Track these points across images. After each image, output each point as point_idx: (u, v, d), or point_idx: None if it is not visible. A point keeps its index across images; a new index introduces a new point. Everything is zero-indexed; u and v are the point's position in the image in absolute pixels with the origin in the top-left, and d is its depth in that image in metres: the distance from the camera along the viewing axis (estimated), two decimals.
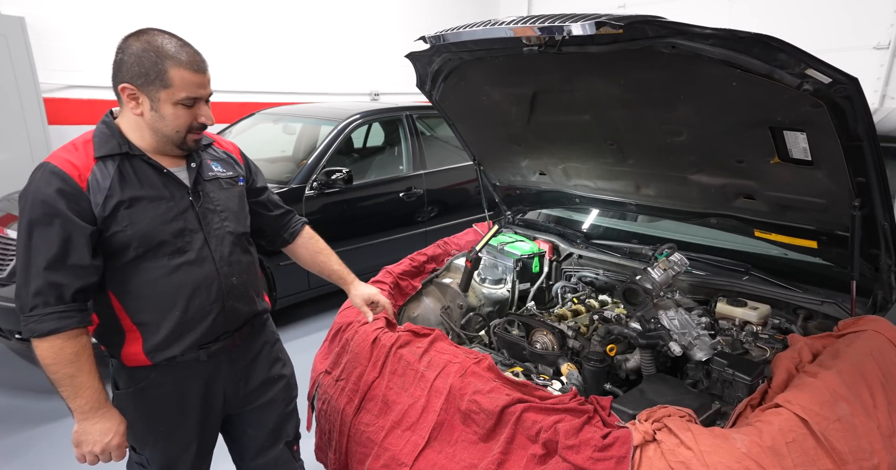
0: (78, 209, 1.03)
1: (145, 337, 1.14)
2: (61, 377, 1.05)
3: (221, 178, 1.25)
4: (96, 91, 4.67)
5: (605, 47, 1.24)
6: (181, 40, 1.07)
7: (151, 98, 1.05)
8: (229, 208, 1.24)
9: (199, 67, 1.06)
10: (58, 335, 1.03)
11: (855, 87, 1.03)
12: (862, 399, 1.09)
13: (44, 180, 1.03)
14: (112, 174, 1.07)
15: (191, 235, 1.15)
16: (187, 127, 1.09)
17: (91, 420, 1.09)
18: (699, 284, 1.72)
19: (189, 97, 1.05)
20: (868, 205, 1.24)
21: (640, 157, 1.69)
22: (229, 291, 1.21)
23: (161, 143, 1.11)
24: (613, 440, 1.09)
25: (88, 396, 1.07)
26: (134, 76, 1.03)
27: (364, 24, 6.42)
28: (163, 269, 1.12)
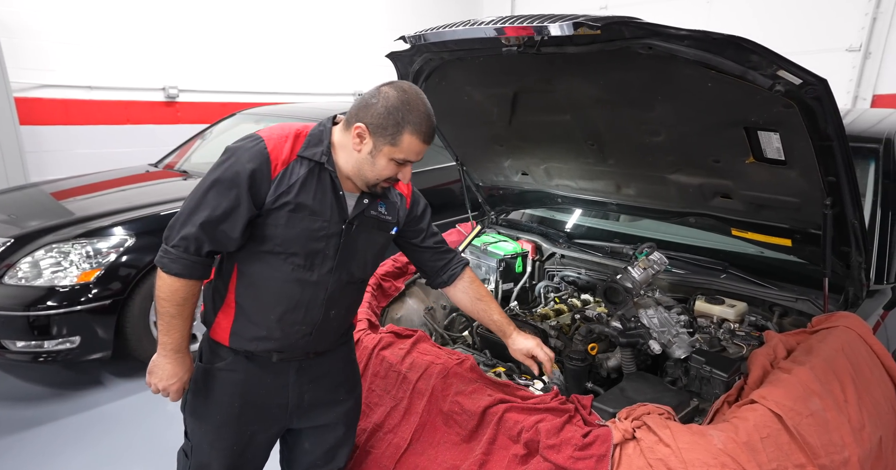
0: (256, 192, 1.09)
1: (237, 319, 1.19)
2: (164, 312, 1.14)
3: (381, 219, 1.26)
4: (71, 90, 4.56)
5: (584, 48, 1.25)
6: (427, 110, 1.11)
7: (375, 146, 1.10)
8: (367, 254, 1.25)
9: (428, 140, 1.12)
10: (178, 279, 1.11)
11: (824, 87, 1.05)
12: (833, 394, 1.12)
13: (250, 153, 1.09)
14: (300, 175, 1.12)
15: (322, 259, 1.17)
16: (388, 178, 1.15)
17: (167, 358, 1.17)
18: (678, 283, 1.75)
19: (407, 160, 1.12)
20: (839, 203, 1.27)
21: (620, 156, 1.70)
22: (324, 321, 1.22)
23: (356, 178, 1.16)
24: (594, 439, 1.10)
25: (175, 338, 1.16)
26: (373, 123, 1.09)
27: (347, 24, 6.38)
28: (283, 273, 1.15)
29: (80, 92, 4.60)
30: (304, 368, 1.26)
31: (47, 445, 2.28)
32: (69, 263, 2.44)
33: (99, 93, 4.69)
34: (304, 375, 1.26)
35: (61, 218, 2.65)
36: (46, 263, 2.43)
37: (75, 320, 2.40)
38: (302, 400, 1.27)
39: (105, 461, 2.17)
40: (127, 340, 2.58)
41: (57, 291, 2.38)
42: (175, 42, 4.99)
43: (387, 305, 1.91)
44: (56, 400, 2.59)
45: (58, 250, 2.45)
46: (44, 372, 2.82)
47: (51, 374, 2.81)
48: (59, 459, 2.19)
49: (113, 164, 4.22)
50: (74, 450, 2.25)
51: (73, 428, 2.39)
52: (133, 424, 2.40)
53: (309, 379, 1.27)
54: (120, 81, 4.76)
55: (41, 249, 2.44)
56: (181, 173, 3.56)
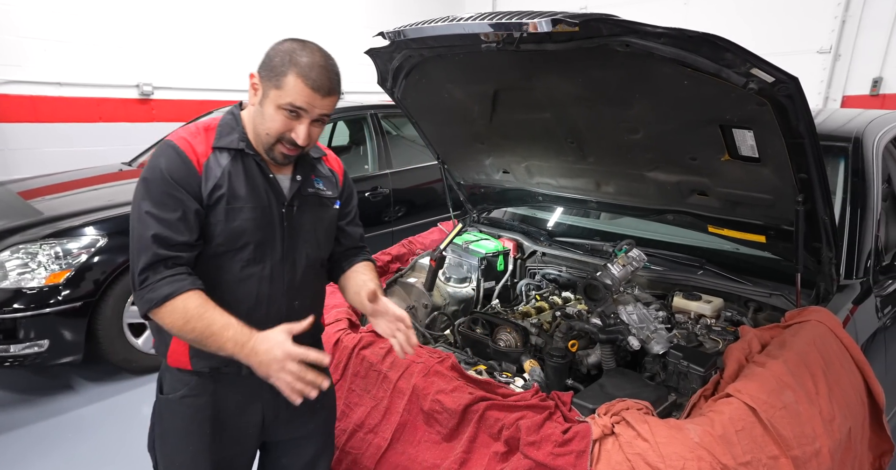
0: (190, 188, 1.04)
1: None
2: (199, 333, 0.98)
3: (321, 195, 1.20)
4: (39, 87, 4.41)
5: (563, 45, 1.26)
6: (325, 62, 1.05)
7: (264, 93, 1.05)
8: (316, 232, 1.20)
9: (317, 87, 1.03)
10: (175, 299, 0.99)
11: (796, 86, 1.07)
12: (805, 387, 1.14)
13: (164, 158, 1.04)
14: (224, 167, 1.07)
15: (271, 247, 1.11)
16: (277, 134, 1.06)
17: (253, 350, 0.97)
18: (657, 279, 1.77)
19: (292, 104, 1.03)
20: (810, 200, 1.29)
21: (599, 154, 1.72)
22: (290, 314, 1.14)
23: (256, 140, 1.10)
24: (573, 435, 1.10)
25: (233, 335, 0.98)
26: (263, 68, 1.05)
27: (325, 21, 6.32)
28: (234, 274, 1.09)
29: (49, 88, 4.45)
30: None
31: (15, 452, 2.20)
32: (37, 265, 2.36)
33: (70, 89, 4.55)
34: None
35: (29, 218, 2.57)
36: (13, 264, 2.35)
37: (44, 323, 2.32)
38: (278, 413, 1.21)
39: (76, 468, 2.10)
40: (99, 343, 2.51)
41: (24, 293, 2.30)
42: (150, 38, 4.87)
43: None
44: (24, 406, 2.50)
45: (25, 251, 2.37)
46: (11, 376, 2.73)
47: (18, 378, 2.72)
48: (28, 466, 2.12)
49: (84, 163, 4.10)
50: (43, 457, 2.17)
51: (42, 434, 2.31)
52: (104, 429, 2.34)
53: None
54: (92, 78, 4.63)
55: (7, 250, 2.35)
56: None
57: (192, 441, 1.14)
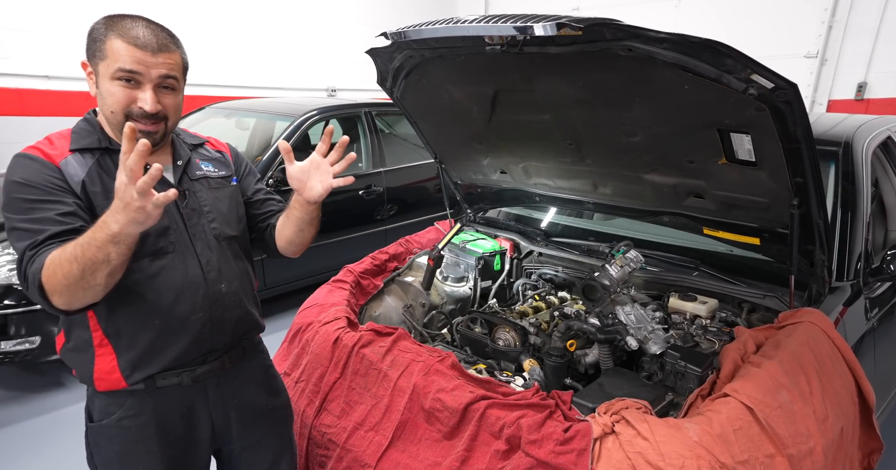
0: (53, 181, 0.96)
1: (119, 352, 1.03)
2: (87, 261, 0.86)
3: (211, 177, 1.16)
4: (26, 79, 4.33)
5: (565, 48, 1.27)
6: (147, 23, 0.99)
7: (96, 72, 0.99)
8: (218, 209, 1.14)
9: (142, 44, 0.96)
10: (51, 255, 0.89)
11: (795, 92, 1.09)
12: (800, 386, 1.17)
13: (20, 166, 0.98)
14: (90, 166, 1.01)
15: (175, 234, 1.06)
16: (123, 109, 0.98)
17: (113, 211, 0.85)
18: (653, 280, 1.79)
19: (122, 69, 0.95)
20: (805, 204, 1.32)
21: (597, 156, 1.73)
22: (217, 299, 1.10)
23: (110, 128, 1.03)
24: (574, 433, 1.11)
25: (97, 229, 0.86)
26: (87, 49, 0.99)
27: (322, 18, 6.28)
28: (143, 271, 1.02)
29: (36, 81, 4.37)
30: (223, 384, 1.15)
31: (6, 449, 2.17)
32: None
33: (57, 83, 4.47)
34: (225, 390, 1.15)
35: None
36: (3, 260, 2.31)
37: (35, 320, 2.29)
38: (229, 419, 1.16)
39: (65, 466, 2.08)
40: None
41: (15, 289, 2.26)
42: None
43: (365, 303, 1.89)
44: (15, 403, 2.47)
45: None
46: (2, 374, 2.69)
47: (8, 375, 2.68)
48: (16, 464, 2.09)
49: None
50: (32, 455, 2.14)
51: (31, 432, 2.28)
52: None
53: (232, 394, 1.16)
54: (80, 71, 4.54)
55: None
56: None
57: (139, 463, 1.07)
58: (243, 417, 1.20)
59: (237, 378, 1.19)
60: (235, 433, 1.19)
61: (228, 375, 1.17)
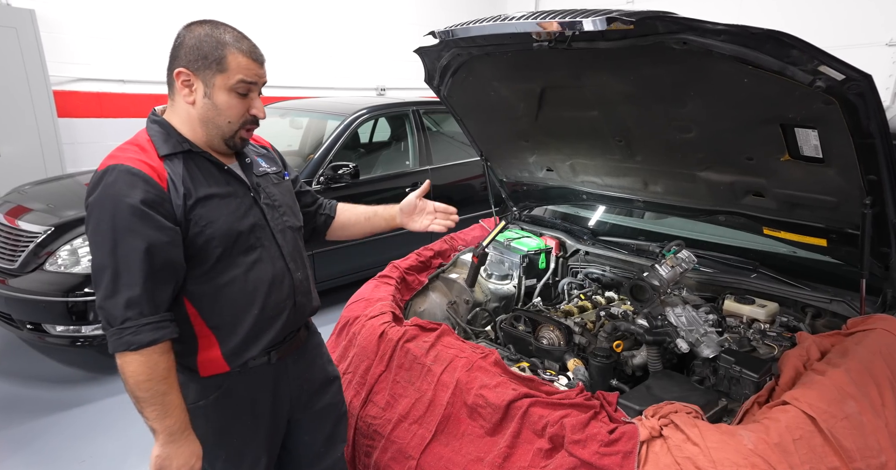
0: (164, 212, 0.99)
1: (222, 340, 1.10)
2: (153, 395, 0.97)
3: (270, 173, 1.24)
4: (105, 84, 4.70)
5: (616, 43, 1.24)
6: (241, 33, 1.07)
7: (206, 84, 1.02)
8: (286, 203, 1.24)
9: (256, 57, 1.05)
10: (154, 347, 0.97)
11: (868, 83, 1.02)
12: (870, 397, 1.09)
13: (124, 183, 0.97)
14: (181, 173, 1.04)
15: (260, 230, 1.14)
16: (241, 119, 1.06)
17: (178, 443, 1.02)
18: (707, 282, 1.72)
19: (243, 81, 1.02)
20: (879, 203, 1.23)
21: (648, 153, 1.68)
22: (297, 286, 1.20)
23: (211, 136, 1.08)
24: (620, 435, 1.09)
25: (178, 416, 1.01)
26: (191, 60, 1.01)
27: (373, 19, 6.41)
28: (241, 267, 1.10)
29: (113, 85, 4.73)
30: (297, 359, 1.26)
31: (83, 427, 2.37)
32: None
33: (131, 86, 4.83)
34: (300, 364, 1.26)
35: None
36: (84, 250, 2.52)
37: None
38: (301, 391, 1.26)
39: (136, 443, 2.25)
40: None
41: None
42: None
43: (410, 299, 1.93)
44: (92, 383, 2.69)
45: None
46: (81, 356, 2.94)
47: (88, 358, 2.92)
48: (94, 441, 2.28)
49: None
50: (108, 432, 2.33)
51: (107, 411, 2.48)
52: None
53: (304, 367, 1.27)
54: (152, 75, 4.88)
55: (79, 238, 2.53)
56: None
57: (234, 437, 1.16)
58: (311, 388, 1.31)
59: (306, 353, 1.30)
60: (304, 403, 1.30)
61: (300, 351, 1.28)
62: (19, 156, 4.07)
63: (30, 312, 2.49)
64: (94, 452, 2.21)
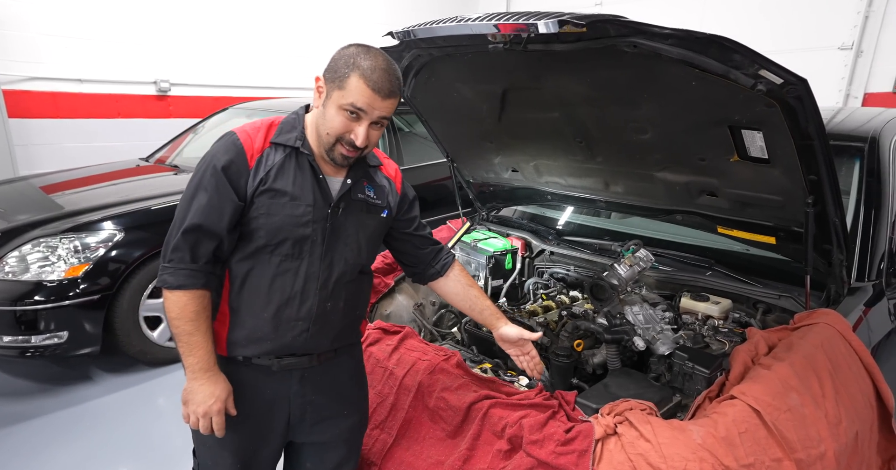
0: (237, 183, 1.09)
1: (231, 325, 1.15)
2: (180, 332, 1.08)
3: (370, 202, 1.21)
4: (59, 83, 4.51)
5: (571, 45, 1.26)
6: (387, 65, 1.08)
7: (327, 94, 1.09)
8: (358, 235, 1.20)
9: (378, 88, 1.06)
10: (184, 292, 1.07)
11: (805, 87, 1.06)
12: (812, 389, 1.13)
13: (223, 148, 1.10)
14: (276, 162, 1.11)
15: (311, 245, 1.13)
16: (338, 134, 1.09)
17: (199, 380, 1.09)
18: (665, 280, 1.76)
19: (354, 105, 1.06)
20: (821, 202, 1.28)
21: (608, 154, 1.71)
22: (321, 314, 1.16)
23: (318, 142, 1.13)
24: (576, 434, 1.11)
25: (200, 356, 1.09)
26: (328, 71, 1.10)
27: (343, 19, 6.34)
28: (273, 268, 1.13)
29: (69, 85, 4.55)
30: (307, 378, 1.19)
31: (34, 440, 2.27)
32: (57, 258, 2.43)
33: (89, 86, 4.65)
34: (307, 385, 1.20)
35: (50, 212, 2.64)
36: (34, 257, 2.42)
37: (63, 315, 2.39)
38: (304, 413, 1.21)
39: (92, 456, 2.16)
40: (116, 336, 2.57)
41: (44, 285, 2.37)
42: (167, 35, 4.95)
43: (376, 301, 1.91)
44: (44, 395, 2.58)
45: (45, 245, 2.44)
46: (31, 367, 2.81)
47: (39, 369, 2.80)
48: (46, 454, 2.19)
49: (103, 159, 4.19)
50: (61, 445, 2.24)
51: (60, 423, 2.38)
52: (121, 419, 2.40)
53: (312, 390, 1.20)
54: (110, 75, 4.72)
55: (28, 244, 2.42)
56: (172, 168, 3.54)
57: None
58: (318, 415, 1.23)
59: (321, 376, 1.22)
60: (308, 429, 1.23)
61: (314, 371, 1.20)
62: None
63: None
64: (48, 467, 2.12)
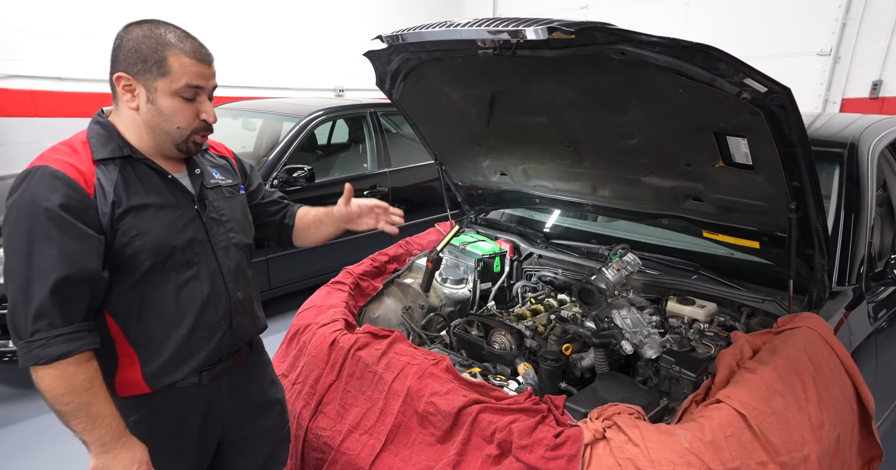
0: (87, 219, 0.92)
1: (143, 361, 1.04)
2: (75, 408, 0.93)
3: (223, 186, 1.17)
4: (39, 81, 4.41)
5: (559, 52, 1.26)
6: (185, 32, 0.99)
7: (148, 88, 0.96)
8: (234, 218, 1.17)
9: (201, 57, 0.98)
10: (69, 359, 0.91)
11: (788, 96, 1.08)
12: (795, 393, 1.15)
13: (45, 186, 0.91)
14: (115, 179, 0.97)
15: (199, 246, 1.07)
16: (190, 124, 1.00)
17: (113, 452, 0.97)
18: (652, 283, 1.78)
19: (189, 85, 0.96)
20: (803, 208, 1.30)
21: (595, 159, 1.73)
22: (236, 306, 1.14)
23: (159, 142, 1.02)
24: (565, 439, 1.11)
25: (108, 425, 0.96)
26: (131, 64, 0.95)
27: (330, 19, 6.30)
28: (171, 284, 1.03)
29: (49, 83, 4.45)
30: (234, 381, 1.19)
31: (11, 446, 2.22)
32: None
33: (69, 84, 4.55)
34: (236, 386, 1.19)
35: None
36: None
37: None
38: (236, 414, 1.20)
39: (69, 463, 2.12)
40: None
41: None
42: None
43: (364, 305, 1.90)
44: (21, 401, 2.52)
45: None
46: (7, 372, 2.75)
47: (14, 374, 2.74)
48: (25, 463, 2.14)
49: None
50: (38, 452, 2.19)
51: (39, 431, 2.32)
52: None
53: (241, 389, 1.20)
54: (92, 73, 4.62)
55: None
56: None
57: (154, 461, 1.05)
58: (250, 411, 1.24)
59: (246, 375, 1.24)
60: (239, 425, 1.23)
61: (239, 373, 1.21)
62: None
63: None
64: None
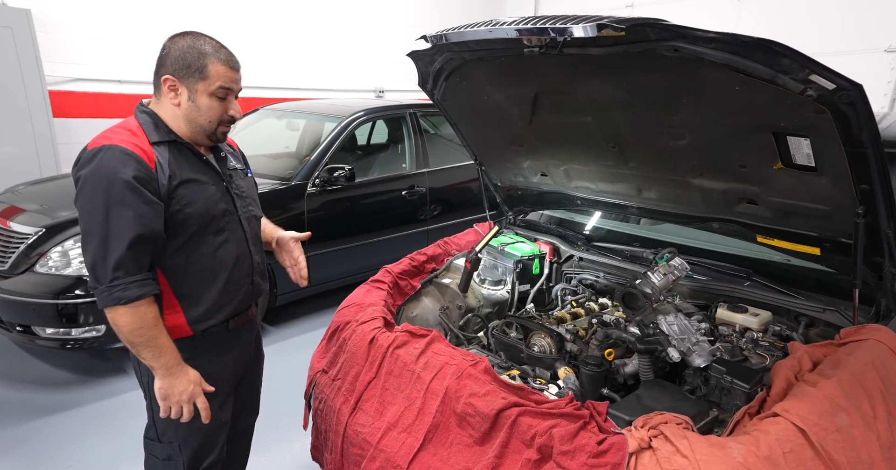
0: (151, 189, 1.16)
1: (186, 310, 1.27)
2: (146, 339, 1.16)
3: (238, 169, 1.43)
4: (101, 84, 4.69)
5: (607, 49, 1.23)
6: (219, 42, 1.24)
7: (190, 89, 1.20)
8: (251, 195, 1.44)
9: (232, 65, 1.23)
10: (142, 300, 1.14)
11: (859, 93, 1.01)
12: (862, 410, 1.08)
13: (118, 161, 1.13)
14: (168, 158, 1.21)
15: (230, 216, 1.32)
16: (219, 118, 1.24)
17: (173, 375, 1.21)
18: (700, 289, 1.71)
19: (222, 87, 1.21)
20: (872, 212, 1.22)
21: (641, 160, 1.67)
22: (256, 267, 1.41)
23: (194, 132, 1.25)
24: (609, 447, 1.08)
25: (170, 354, 1.20)
26: (177, 69, 1.19)
27: (370, 21, 6.41)
28: (209, 246, 1.27)
29: (110, 86, 4.72)
30: (247, 329, 1.47)
31: (72, 429, 2.35)
32: None
33: (128, 87, 4.81)
34: (249, 334, 1.48)
35: None
36: (76, 252, 2.51)
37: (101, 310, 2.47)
38: (251, 355, 1.51)
39: (128, 446, 2.23)
40: None
41: (84, 280, 2.45)
42: None
43: (403, 304, 1.91)
44: (81, 386, 2.67)
45: None
46: (71, 358, 2.92)
47: (77, 360, 2.90)
48: (83, 445, 2.27)
49: None
50: (98, 435, 2.32)
51: (97, 415, 2.46)
52: None
53: (250, 337, 1.49)
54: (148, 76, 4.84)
55: (70, 239, 2.51)
56: None
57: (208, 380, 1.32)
58: (255, 357, 1.57)
59: (253, 328, 1.53)
60: (250, 366, 1.54)
61: (249, 325, 1.49)
62: (14, 156, 4.05)
63: (19, 314, 2.47)
64: (83, 456, 2.19)
